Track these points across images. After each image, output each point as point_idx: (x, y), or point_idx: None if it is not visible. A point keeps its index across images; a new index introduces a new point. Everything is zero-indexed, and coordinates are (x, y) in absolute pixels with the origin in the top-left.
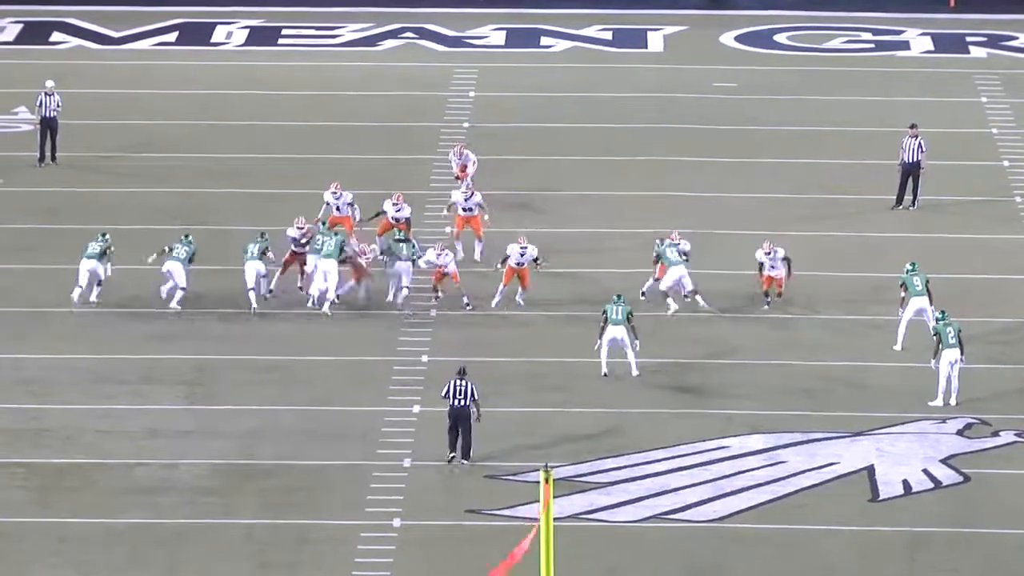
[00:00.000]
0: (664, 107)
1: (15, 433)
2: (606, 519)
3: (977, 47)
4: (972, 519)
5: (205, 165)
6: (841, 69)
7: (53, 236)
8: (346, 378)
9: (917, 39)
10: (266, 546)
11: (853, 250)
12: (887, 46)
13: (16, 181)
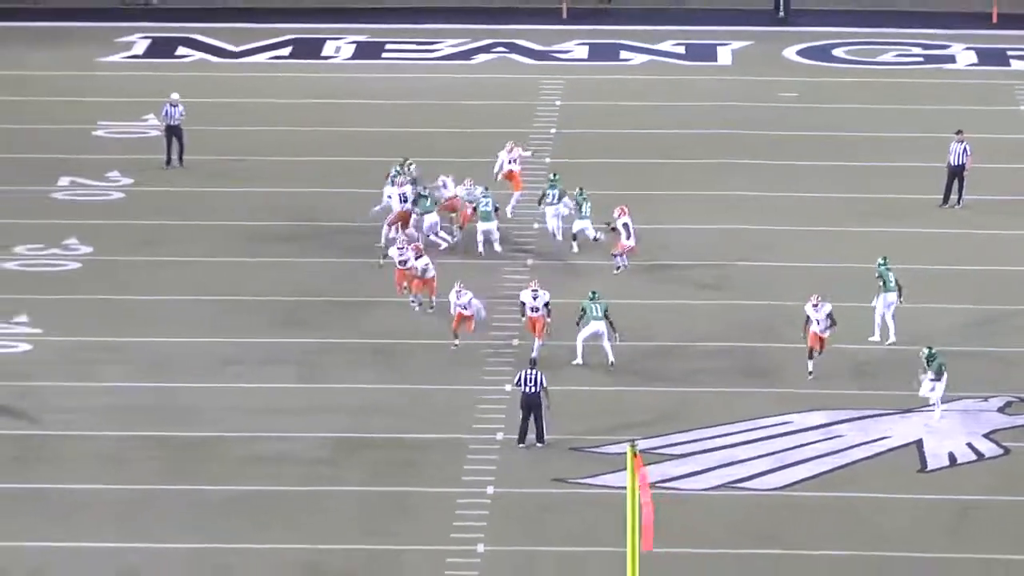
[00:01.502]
0: (732, 115)
1: (149, 409)
2: (679, 488)
3: (1017, 60)
4: (1013, 489)
5: (315, 167)
6: (893, 80)
7: (178, 231)
8: (444, 360)
9: (962, 53)
10: (372, 511)
11: (903, 245)
12: (935, 59)
13: (146, 181)
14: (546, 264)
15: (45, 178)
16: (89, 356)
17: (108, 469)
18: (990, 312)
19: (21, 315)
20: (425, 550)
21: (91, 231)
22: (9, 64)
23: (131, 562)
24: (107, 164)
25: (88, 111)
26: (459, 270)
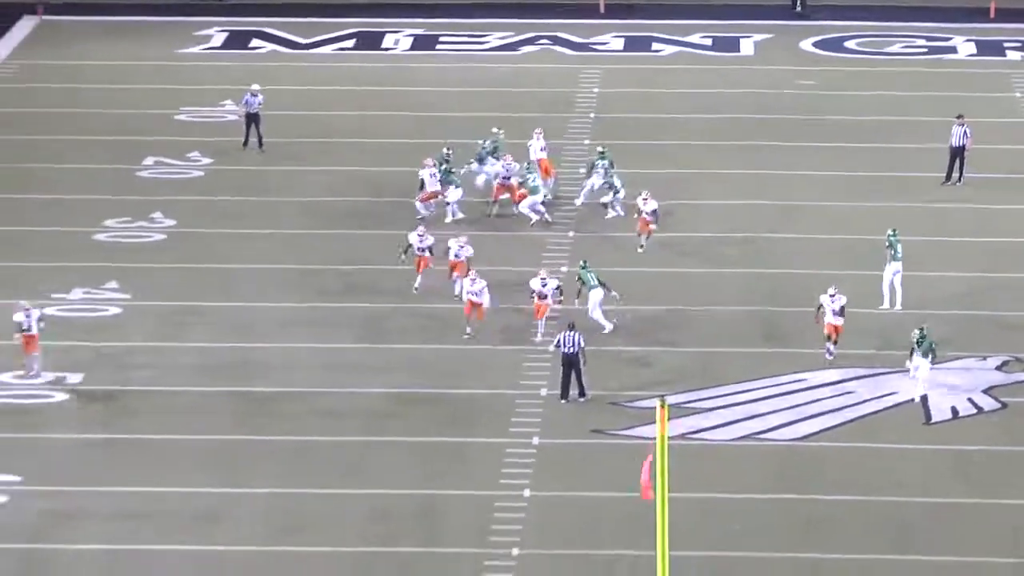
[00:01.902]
0: (753, 101)
1: (228, 367)
2: (707, 438)
3: (1013, 51)
4: (1010, 439)
5: (377, 148)
6: (899, 69)
7: (253, 205)
8: (495, 324)
9: (963, 44)
10: (428, 460)
11: (909, 218)
12: (938, 50)
13: (223, 161)
14: (588, 236)
15: (132, 158)
16: (173, 319)
17: (191, 421)
18: (989, 279)
19: (111, 282)
20: (476, 495)
21: (174, 206)
22: (98, 55)
23: (210, 505)
24: (188, 146)
25: (170, 98)
26: (508, 242)
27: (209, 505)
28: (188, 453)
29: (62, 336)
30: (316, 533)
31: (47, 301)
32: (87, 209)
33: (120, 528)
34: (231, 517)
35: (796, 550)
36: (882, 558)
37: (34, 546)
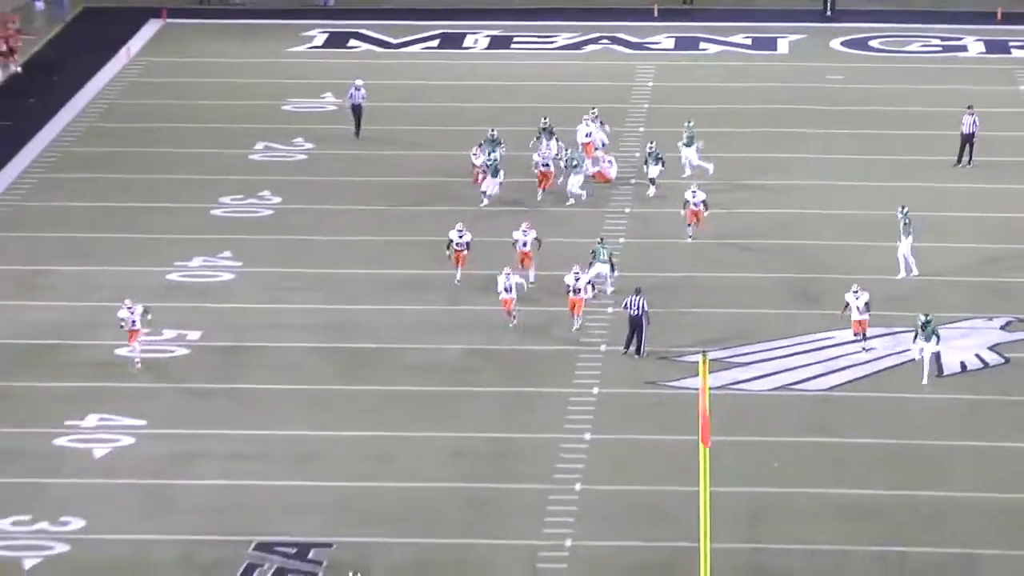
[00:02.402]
0: (788, 93)
1: (328, 326)
2: (746, 388)
3: (1017, 49)
4: (1012, 391)
5: (458, 135)
6: (917, 66)
7: (350, 185)
8: (559, 291)
9: (973, 43)
10: (502, 408)
11: (924, 197)
12: (950, 48)
13: (324, 146)
14: (641, 212)
15: (244, 143)
16: (280, 284)
17: (295, 373)
18: (995, 250)
19: (226, 251)
20: (543, 438)
21: (281, 185)
22: (215, 54)
23: (311, 446)
24: (293, 132)
25: (278, 90)
26: (566, 216)
27: (310, 446)
28: (292, 401)
29: (184, 298)
30: (402, 471)
31: (170, 268)
32: (205, 188)
33: (233, 466)
34: (329, 456)
35: (826, 486)
36: (901, 493)
37: (158, 482)
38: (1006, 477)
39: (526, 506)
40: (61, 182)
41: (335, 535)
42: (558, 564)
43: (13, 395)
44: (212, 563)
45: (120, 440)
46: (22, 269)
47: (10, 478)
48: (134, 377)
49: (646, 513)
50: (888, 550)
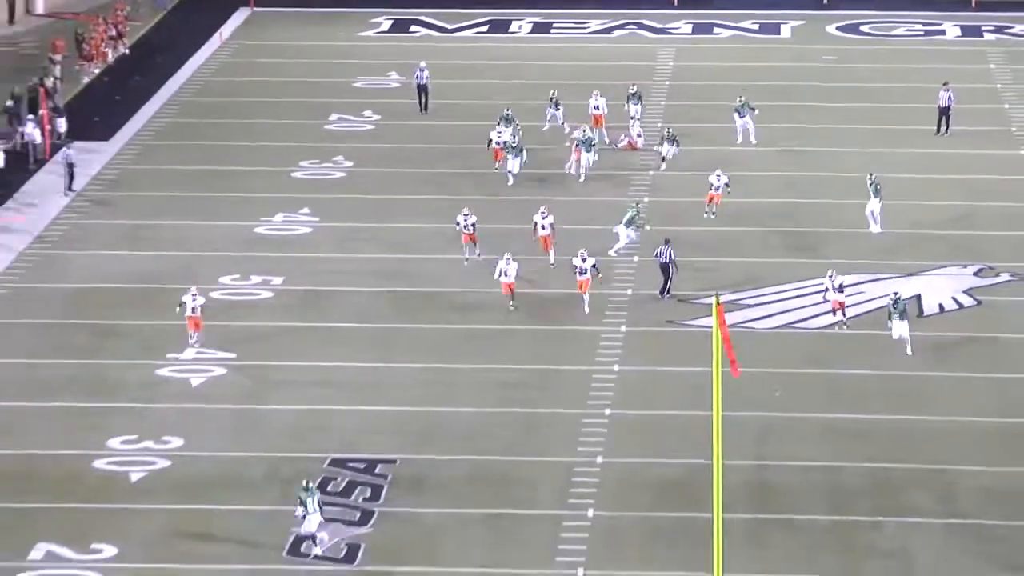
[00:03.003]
0: (790, 71)
1: (389, 273)
2: (753, 327)
3: (989, 33)
4: (984, 328)
5: (502, 109)
6: (902, 48)
7: (412, 151)
8: (589, 247)
9: (950, 28)
10: (540, 343)
11: (907, 160)
12: (931, 32)
13: (390, 117)
14: (663, 175)
15: (321, 115)
16: (351, 236)
17: (363, 313)
18: (968, 207)
19: (305, 208)
20: (577, 370)
21: (352, 151)
22: (296, 37)
23: (377, 376)
24: (363, 106)
25: (349, 69)
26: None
27: (376, 376)
28: (361, 337)
29: (268, 249)
30: (455, 397)
31: (256, 223)
32: (287, 153)
33: (311, 393)
34: (392, 385)
35: (821, 411)
36: (886, 418)
37: (246, 407)
38: (978, 404)
39: (562, 428)
40: (163, 149)
41: (398, 453)
42: (590, 478)
43: (122, 332)
44: (292, 477)
45: (214, 370)
46: (129, 223)
47: (119, 403)
48: (226, 315)
49: (667, 434)
50: (875, 466)
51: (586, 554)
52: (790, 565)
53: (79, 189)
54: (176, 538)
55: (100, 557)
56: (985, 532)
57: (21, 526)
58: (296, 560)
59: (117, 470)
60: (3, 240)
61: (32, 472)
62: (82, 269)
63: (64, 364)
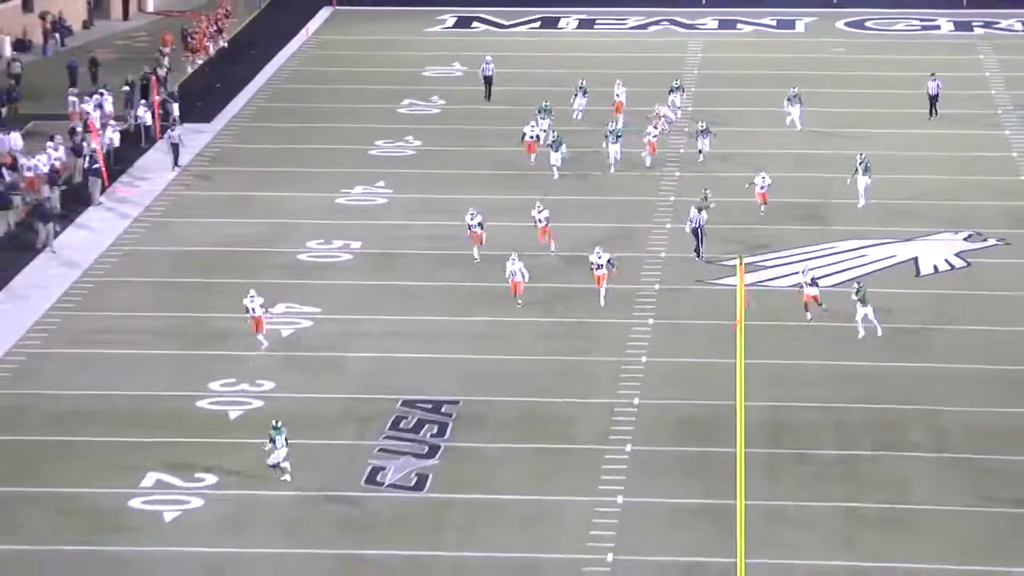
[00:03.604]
0: (804, 61)
1: (455, 238)
2: (770, 285)
3: (978, 28)
4: (974, 287)
5: (558, 95)
6: (901, 41)
7: (475, 132)
8: (625, 213)
9: (945, 23)
10: (584, 300)
11: (905, 139)
12: (927, 27)
13: (455, 102)
14: (692, 153)
15: (394, 100)
16: (420, 205)
17: (431, 273)
18: (957, 180)
19: (380, 181)
20: (616, 323)
21: (421, 132)
22: (372, 32)
23: (442, 327)
24: (430, 92)
25: (419, 60)
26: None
27: (441, 328)
28: (428, 293)
29: (348, 217)
30: (510, 347)
31: (338, 194)
32: (364, 134)
33: (385, 342)
34: (456, 335)
35: (830, 359)
36: (887, 364)
37: (330, 354)
38: (968, 353)
39: (603, 374)
40: (256, 130)
41: (460, 395)
42: (628, 418)
43: (219, 290)
44: (368, 416)
45: (301, 323)
46: (227, 194)
47: (219, 351)
48: (312, 274)
49: (695, 379)
50: (876, 407)
51: (624, 483)
52: (801, 493)
53: (184, 165)
54: (267, 468)
55: (202, 485)
56: (974, 465)
57: (134, 457)
58: (372, 488)
59: (217, 409)
60: (120, 209)
61: (144, 410)
62: (187, 234)
63: (171, 317)
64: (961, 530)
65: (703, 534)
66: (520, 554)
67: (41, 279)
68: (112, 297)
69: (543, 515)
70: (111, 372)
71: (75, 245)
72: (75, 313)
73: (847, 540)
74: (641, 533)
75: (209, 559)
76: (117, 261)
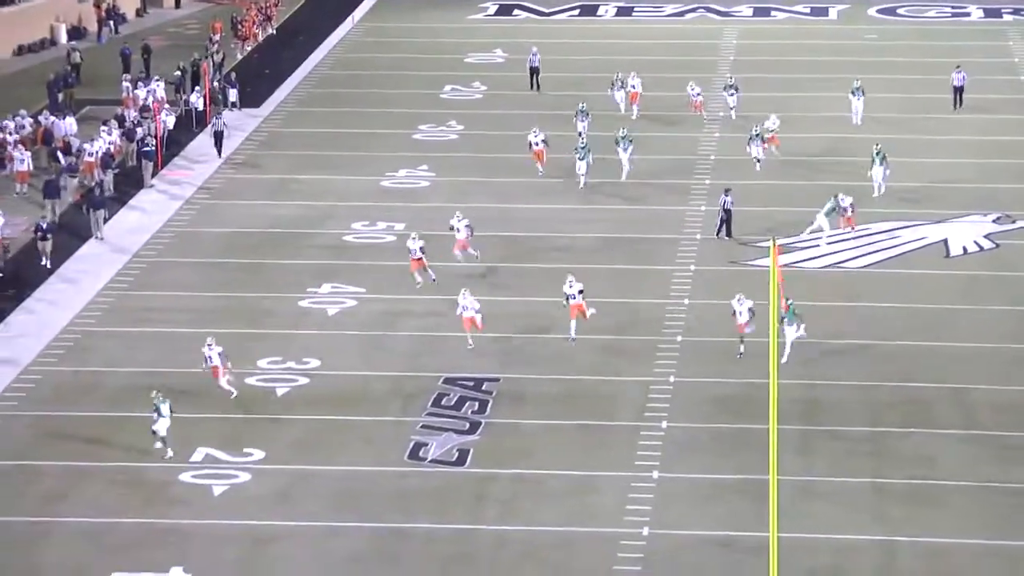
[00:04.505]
0: (837, 48)
1: (495, 219)
2: (803, 267)
3: (1007, 15)
4: (1002, 268)
5: (597, 80)
6: (933, 27)
7: (512, 117)
8: (660, 198)
9: (975, 10)
10: (624, 279)
11: (937, 124)
12: (959, 14)
13: (496, 88)
14: (727, 136)
15: (436, 86)
16: (461, 188)
17: (475, 248)
18: (985, 164)
19: (423, 165)
20: (655, 303)
21: (464, 117)
22: (415, 20)
23: (485, 308)
24: (473, 78)
25: (461, 47)
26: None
27: (484, 307)
28: (471, 274)
29: (392, 199)
30: (550, 326)
31: (382, 177)
32: (408, 118)
33: (428, 321)
34: (496, 314)
35: (859, 339)
36: (919, 344)
37: (374, 333)
38: (995, 332)
39: (640, 352)
40: (304, 114)
41: (501, 372)
42: (664, 395)
43: (268, 269)
44: (412, 392)
45: (347, 302)
46: (276, 177)
47: (266, 330)
48: (357, 255)
49: (730, 358)
50: (904, 385)
51: (660, 459)
52: (833, 469)
53: (232, 151)
54: (313, 443)
55: (250, 459)
56: (999, 441)
57: (185, 433)
58: (415, 463)
59: (266, 386)
60: (172, 191)
61: (194, 387)
62: (236, 216)
63: (221, 296)
64: (985, 505)
65: (737, 508)
66: (559, 528)
67: (93, 260)
68: (163, 277)
69: (581, 490)
70: (163, 350)
71: (128, 226)
72: (127, 292)
73: (876, 515)
74: (676, 507)
75: (256, 531)
76: (168, 242)
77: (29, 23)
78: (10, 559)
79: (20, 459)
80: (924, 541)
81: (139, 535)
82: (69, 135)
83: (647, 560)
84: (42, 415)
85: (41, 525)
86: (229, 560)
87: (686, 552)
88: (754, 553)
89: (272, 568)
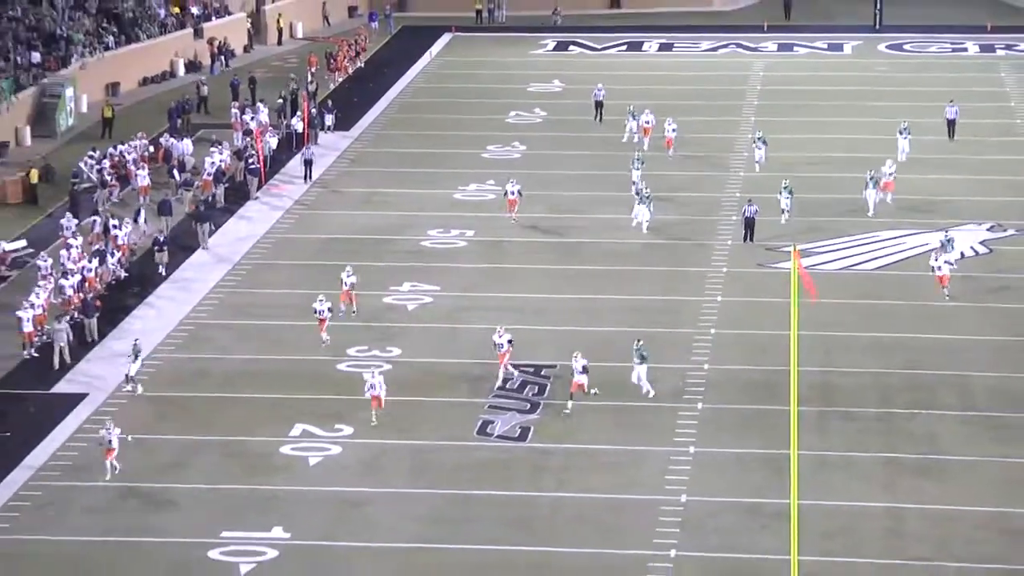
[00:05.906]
0: (850, 80)
1: (554, 227)
2: (820, 268)
3: (1000, 49)
4: (996, 269)
5: (662, 108)
6: (935, 61)
7: (569, 138)
8: (700, 206)
9: (971, 46)
10: (668, 280)
11: (938, 146)
12: (957, 49)
13: (554, 114)
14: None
15: (502, 112)
16: (525, 200)
17: (532, 256)
18: (980, 180)
19: (490, 180)
20: (689, 300)
21: (526, 138)
22: (483, 54)
23: (543, 304)
24: (534, 104)
25: (524, 78)
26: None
27: (542, 304)
28: (531, 275)
29: (464, 210)
30: (599, 319)
31: (455, 191)
32: (477, 140)
33: (494, 316)
34: (553, 310)
35: (870, 331)
36: (924, 336)
37: (448, 325)
38: (991, 326)
39: (677, 343)
40: (388, 136)
41: (557, 360)
42: (699, 380)
43: (358, 271)
44: (481, 376)
45: (424, 299)
46: (363, 191)
47: (355, 322)
48: (433, 258)
49: (757, 348)
50: (911, 372)
51: (696, 436)
52: (847, 445)
53: (325, 168)
54: (395, 420)
55: (341, 435)
56: (995, 422)
57: (284, 411)
58: (483, 439)
59: (353, 371)
60: (274, 203)
61: (292, 372)
62: (329, 224)
63: (315, 294)
64: (982, 477)
65: (762, 479)
66: (607, 495)
67: (200, 267)
68: (265, 277)
69: (627, 462)
70: (265, 341)
71: (236, 234)
72: (234, 291)
73: (886, 485)
74: (710, 478)
75: (347, 496)
76: (270, 247)
77: (152, 58)
78: (136, 520)
79: (144, 433)
80: (928, 507)
81: (244, 499)
82: (185, 155)
83: (684, 523)
84: (162, 396)
85: (161, 490)
86: (322, 521)
87: (718, 516)
88: (777, 518)
89: (359, 528)
